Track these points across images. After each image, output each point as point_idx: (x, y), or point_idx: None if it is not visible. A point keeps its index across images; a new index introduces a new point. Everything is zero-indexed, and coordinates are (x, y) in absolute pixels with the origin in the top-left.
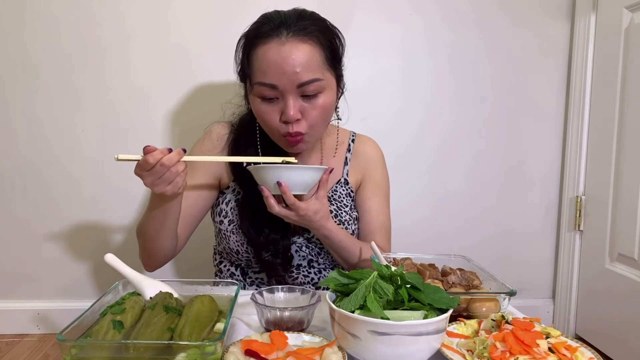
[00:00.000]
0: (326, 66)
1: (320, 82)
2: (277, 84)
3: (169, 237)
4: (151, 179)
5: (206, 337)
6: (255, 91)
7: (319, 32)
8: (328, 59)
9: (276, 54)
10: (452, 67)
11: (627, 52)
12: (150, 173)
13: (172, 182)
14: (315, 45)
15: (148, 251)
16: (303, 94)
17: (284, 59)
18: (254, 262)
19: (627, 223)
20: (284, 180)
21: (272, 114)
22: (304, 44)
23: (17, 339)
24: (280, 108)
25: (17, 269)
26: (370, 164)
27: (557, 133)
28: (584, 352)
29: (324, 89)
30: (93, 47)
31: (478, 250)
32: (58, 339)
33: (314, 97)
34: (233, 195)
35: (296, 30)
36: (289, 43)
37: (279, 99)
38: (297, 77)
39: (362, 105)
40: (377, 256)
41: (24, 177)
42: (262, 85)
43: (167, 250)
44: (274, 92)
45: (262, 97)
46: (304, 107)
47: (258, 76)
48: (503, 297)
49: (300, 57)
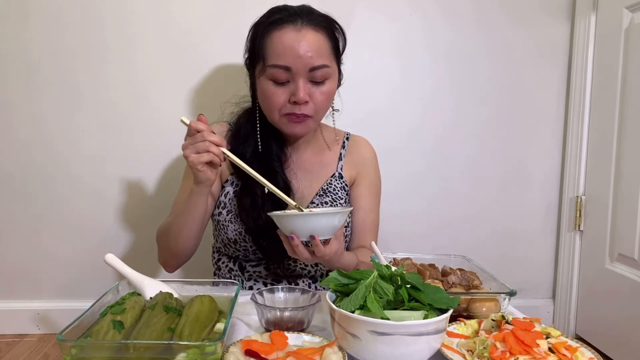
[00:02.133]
0: (333, 56)
1: (328, 69)
2: (291, 65)
3: (196, 235)
4: (189, 142)
5: (206, 337)
6: (267, 73)
7: (328, 27)
8: (334, 50)
9: (292, 38)
10: (452, 66)
11: (627, 52)
12: (192, 138)
13: (204, 154)
14: (325, 36)
15: (173, 252)
16: (312, 79)
17: (299, 43)
18: (251, 251)
19: (627, 223)
20: (318, 229)
21: (280, 95)
22: (316, 32)
23: (17, 339)
24: (290, 90)
25: (17, 268)
26: (364, 163)
27: (557, 133)
28: (584, 352)
29: (330, 76)
30: (95, 46)
31: (478, 251)
32: (58, 339)
33: (321, 83)
34: (231, 187)
35: (309, 21)
36: (304, 29)
37: (290, 82)
38: (310, 61)
39: (362, 104)
40: (377, 256)
41: (25, 177)
42: (275, 67)
43: (191, 248)
44: (286, 75)
45: (274, 80)
46: (312, 91)
47: (272, 59)
48: (503, 297)
49: (314, 43)
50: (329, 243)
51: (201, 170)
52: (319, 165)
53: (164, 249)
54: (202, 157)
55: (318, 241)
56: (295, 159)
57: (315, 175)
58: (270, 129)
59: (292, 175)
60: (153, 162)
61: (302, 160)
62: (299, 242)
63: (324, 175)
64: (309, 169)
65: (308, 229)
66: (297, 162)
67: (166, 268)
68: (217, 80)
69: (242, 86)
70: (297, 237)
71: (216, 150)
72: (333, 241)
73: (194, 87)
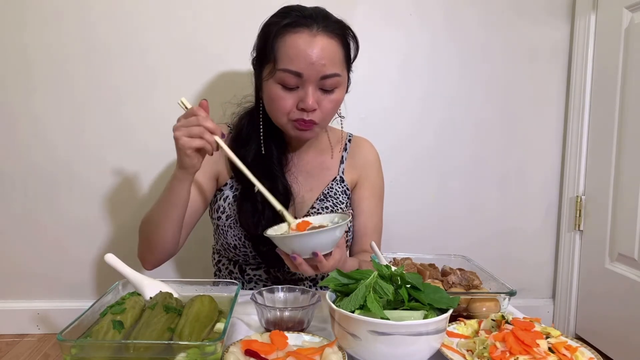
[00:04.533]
0: (344, 64)
1: (338, 78)
2: (303, 72)
3: (175, 227)
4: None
5: (206, 337)
6: (277, 77)
7: (343, 35)
8: (346, 59)
9: (307, 44)
10: (452, 66)
11: (627, 52)
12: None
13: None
14: (339, 44)
15: (151, 243)
16: (322, 87)
17: (313, 49)
18: (251, 256)
19: (627, 223)
20: (319, 246)
21: (288, 100)
22: (331, 40)
23: (17, 339)
24: (299, 96)
25: (17, 268)
26: (367, 165)
27: (557, 133)
28: (584, 352)
29: (339, 85)
30: (95, 46)
31: (478, 250)
32: (58, 339)
33: (331, 91)
34: (231, 192)
35: (325, 27)
36: (320, 36)
37: (299, 88)
38: (322, 69)
39: (362, 104)
40: (377, 256)
41: (25, 177)
42: (286, 72)
43: (170, 244)
44: (296, 81)
45: (283, 84)
46: (320, 98)
47: (284, 63)
48: (503, 297)
49: (328, 50)
50: (332, 254)
51: (189, 155)
52: (320, 168)
53: (143, 240)
54: (194, 142)
55: (322, 257)
56: (297, 162)
57: (316, 179)
58: (272, 131)
59: (292, 179)
60: (153, 162)
61: (304, 163)
62: (302, 261)
63: (325, 178)
64: (310, 171)
65: (310, 247)
66: (299, 165)
67: (144, 264)
68: (218, 80)
69: (243, 86)
70: (299, 257)
71: (210, 137)
72: (336, 251)
73: (195, 87)
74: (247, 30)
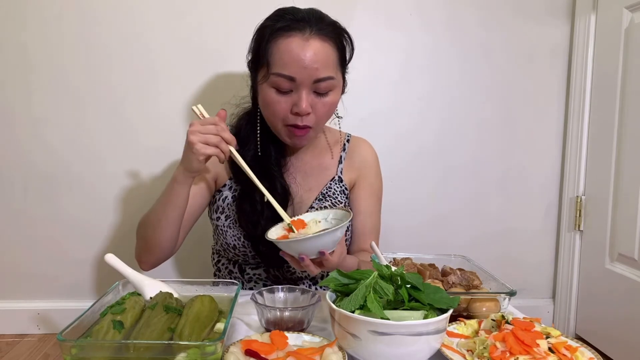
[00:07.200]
0: (338, 67)
1: (332, 81)
2: (295, 76)
3: (174, 228)
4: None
5: (206, 337)
6: (271, 81)
7: (337, 37)
8: (340, 61)
9: (299, 48)
10: (452, 66)
11: (627, 52)
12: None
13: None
14: (333, 47)
15: (149, 244)
16: (315, 90)
17: (306, 53)
18: (250, 256)
19: (627, 223)
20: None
21: (282, 105)
22: (324, 43)
23: (17, 339)
24: (292, 100)
25: (17, 268)
26: (365, 165)
27: (557, 133)
28: (584, 352)
29: (334, 88)
30: (96, 47)
31: (478, 250)
32: (58, 339)
33: (325, 94)
34: (230, 192)
35: (318, 30)
36: (312, 40)
37: (293, 91)
38: (315, 73)
39: (362, 104)
40: (378, 256)
41: (25, 177)
42: (279, 77)
43: (168, 245)
44: (290, 85)
45: (277, 88)
46: (314, 102)
47: (277, 67)
48: (503, 297)
49: (321, 54)
50: (336, 251)
51: (201, 161)
52: (319, 168)
53: (141, 240)
54: (209, 149)
55: (328, 255)
56: (295, 162)
57: (315, 179)
58: (270, 132)
59: (291, 179)
60: (154, 162)
61: (302, 163)
62: (310, 262)
63: (323, 178)
64: (309, 172)
65: (316, 247)
66: (297, 165)
67: (141, 265)
68: (218, 80)
69: (243, 87)
70: (306, 257)
71: (225, 147)
72: (337, 247)
73: (195, 87)
74: (249, 30)
